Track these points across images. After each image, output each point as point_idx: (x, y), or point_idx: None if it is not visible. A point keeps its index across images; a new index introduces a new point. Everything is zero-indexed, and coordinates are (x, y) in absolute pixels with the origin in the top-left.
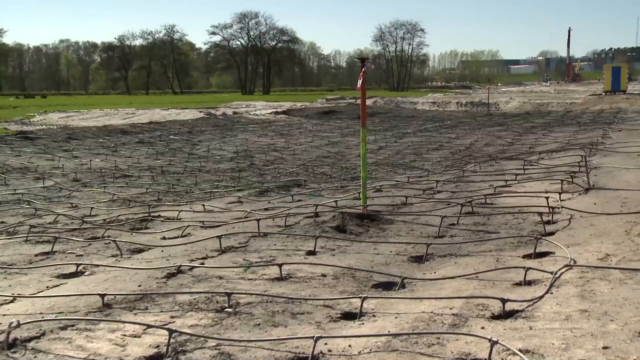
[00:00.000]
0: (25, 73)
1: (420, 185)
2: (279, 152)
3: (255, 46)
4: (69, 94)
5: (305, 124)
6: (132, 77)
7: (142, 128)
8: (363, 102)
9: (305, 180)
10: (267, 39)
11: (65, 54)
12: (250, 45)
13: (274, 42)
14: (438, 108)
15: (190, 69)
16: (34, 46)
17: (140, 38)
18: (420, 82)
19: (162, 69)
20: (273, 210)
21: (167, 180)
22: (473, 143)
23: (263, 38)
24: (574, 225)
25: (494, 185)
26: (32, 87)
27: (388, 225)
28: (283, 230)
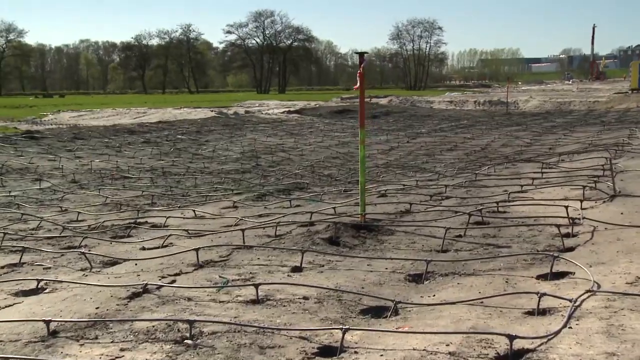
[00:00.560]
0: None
1: (428, 190)
2: (286, 152)
3: (271, 45)
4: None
5: (317, 123)
6: (149, 77)
7: (150, 127)
8: (362, 101)
9: (307, 183)
10: (282, 37)
11: (84, 53)
12: (265, 44)
13: (289, 41)
14: (455, 107)
15: (206, 68)
16: (55, 46)
17: (157, 37)
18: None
19: (179, 68)
20: (268, 216)
21: (167, 182)
22: (489, 143)
23: (279, 37)
24: (598, 240)
25: (509, 190)
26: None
27: (387, 236)
28: (272, 241)
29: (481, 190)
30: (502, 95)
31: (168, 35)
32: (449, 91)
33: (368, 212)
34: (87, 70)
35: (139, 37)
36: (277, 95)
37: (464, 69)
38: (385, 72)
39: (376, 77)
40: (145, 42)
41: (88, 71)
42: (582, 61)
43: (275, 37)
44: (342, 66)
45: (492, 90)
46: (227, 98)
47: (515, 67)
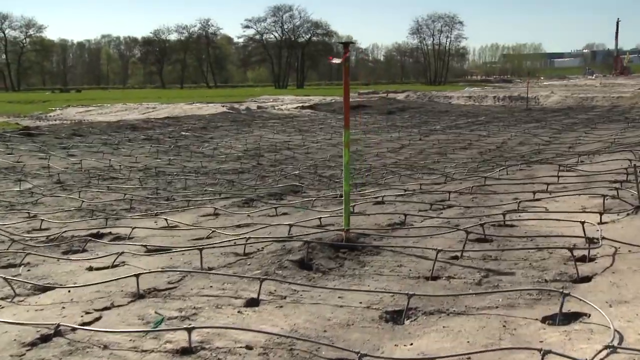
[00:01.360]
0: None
1: (431, 196)
2: (292, 150)
3: (289, 40)
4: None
5: (329, 119)
6: (167, 72)
7: (155, 124)
8: (346, 97)
9: (302, 186)
10: (301, 32)
11: (105, 48)
12: (284, 38)
13: (308, 36)
14: (474, 103)
15: (225, 63)
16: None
17: (175, 32)
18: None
19: (197, 63)
20: (248, 227)
21: (158, 183)
22: (505, 141)
23: (297, 31)
24: (620, 267)
25: (519, 198)
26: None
27: (371, 257)
28: (237, 261)
29: (489, 198)
30: (523, 90)
31: (187, 30)
32: (469, 86)
33: (356, 224)
34: (108, 65)
35: (157, 32)
36: (294, 90)
37: (486, 64)
38: (406, 67)
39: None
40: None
41: (109, 66)
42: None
43: (293, 32)
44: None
45: (513, 86)
46: (244, 93)
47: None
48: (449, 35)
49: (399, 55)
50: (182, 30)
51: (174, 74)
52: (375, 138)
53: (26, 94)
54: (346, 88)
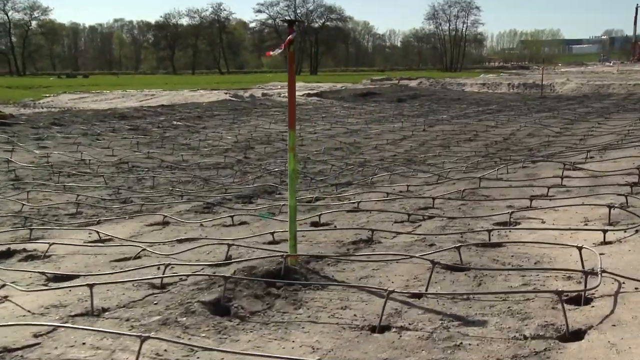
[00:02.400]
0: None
1: (415, 202)
2: (285, 142)
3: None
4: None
5: (335, 107)
6: (179, 57)
7: (147, 112)
8: (291, 88)
9: (277, 186)
10: (314, 17)
11: (117, 33)
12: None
13: (321, 21)
14: (487, 90)
15: (238, 49)
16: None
17: (186, 16)
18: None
19: (209, 49)
20: (192, 242)
21: (126, 181)
22: (514, 133)
23: (310, 16)
24: (623, 315)
25: (514, 206)
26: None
27: (312, 292)
28: (150, 296)
29: (479, 205)
30: (539, 77)
31: (198, 14)
32: (484, 73)
33: (315, 241)
34: (120, 50)
35: (168, 16)
36: (307, 76)
37: (504, 51)
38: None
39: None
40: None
41: (120, 51)
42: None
43: (307, 17)
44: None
45: (529, 72)
46: (254, 79)
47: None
48: (465, 21)
49: (416, 41)
50: (193, 15)
51: (186, 60)
52: (377, 128)
53: (29, 79)
54: (291, 79)
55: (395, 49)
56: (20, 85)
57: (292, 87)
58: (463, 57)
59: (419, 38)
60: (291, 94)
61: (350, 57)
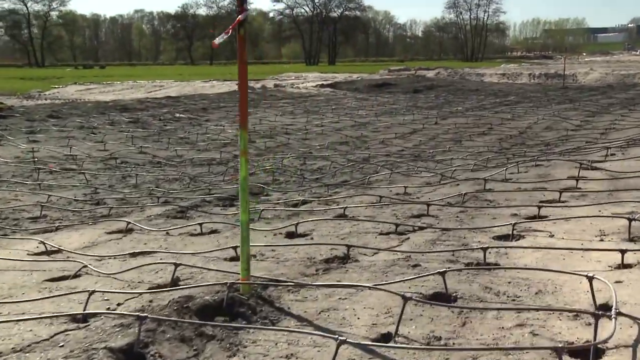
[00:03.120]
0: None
1: (409, 208)
2: (289, 135)
3: (320, 14)
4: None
5: (347, 98)
6: (197, 48)
7: (150, 104)
8: (242, 79)
9: (264, 187)
10: (332, 6)
11: (137, 23)
12: (315, 13)
13: (340, 10)
14: (507, 80)
15: (257, 39)
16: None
17: (204, 6)
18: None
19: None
20: (148, 256)
21: (109, 179)
22: (530, 126)
23: (329, 6)
24: None
25: (520, 215)
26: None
27: (254, 334)
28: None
29: (480, 213)
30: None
31: (216, 5)
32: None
33: (282, 258)
34: (140, 41)
35: (186, 6)
36: (324, 67)
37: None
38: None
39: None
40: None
41: (140, 42)
42: None
43: (325, 6)
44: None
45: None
46: (270, 70)
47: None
48: (486, 10)
49: (437, 31)
50: (211, 5)
51: (204, 50)
52: (387, 121)
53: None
54: (242, 68)
55: (417, 39)
56: (35, 76)
57: (243, 78)
58: (484, 46)
59: (440, 28)
60: (242, 86)
61: (370, 47)
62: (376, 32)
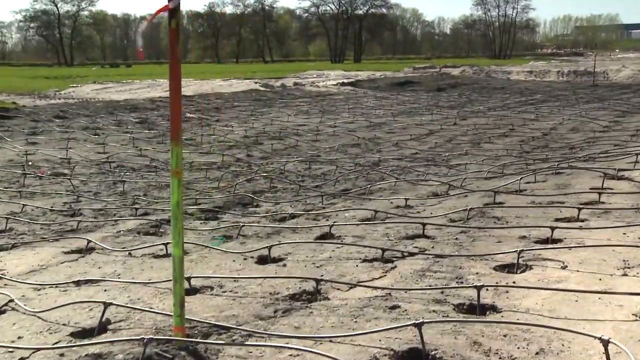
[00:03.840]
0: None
1: (403, 225)
2: (300, 136)
3: (346, 12)
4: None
5: (366, 97)
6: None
7: (162, 104)
8: (175, 83)
9: (254, 198)
10: (358, 4)
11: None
12: (340, 11)
13: (365, 8)
14: (535, 78)
15: (284, 37)
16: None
17: (230, 5)
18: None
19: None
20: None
21: (98, 185)
22: (555, 127)
23: (354, 3)
24: None
25: (529, 238)
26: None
27: None
28: None
29: (483, 235)
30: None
31: (242, 3)
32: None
33: (240, 293)
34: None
35: (212, 5)
36: (349, 64)
37: (557, 37)
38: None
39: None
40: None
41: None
42: None
43: (350, 4)
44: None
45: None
46: (294, 68)
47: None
48: (515, 6)
49: (466, 28)
50: (237, 3)
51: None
52: (404, 121)
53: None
54: (175, 69)
55: (445, 37)
56: (60, 75)
57: (176, 80)
58: (513, 44)
59: (468, 25)
60: (175, 90)
61: (397, 45)
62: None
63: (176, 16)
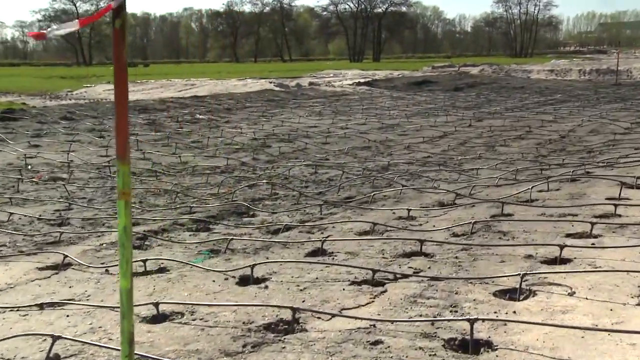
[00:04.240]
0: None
1: (402, 241)
2: (310, 138)
3: (365, 10)
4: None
5: (382, 97)
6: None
7: (172, 104)
8: (120, 91)
9: (248, 207)
10: (377, 1)
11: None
12: (359, 9)
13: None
14: (556, 77)
15: (303, 36)
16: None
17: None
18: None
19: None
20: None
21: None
22: (574, 129)
23: (373, 1)
24: None
25: (536, 257)
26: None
27: None
28: None
29: (486, 253)
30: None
31: (260, 2)
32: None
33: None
34: (187, 39)
35: (230, 4)
36: (368, 63)
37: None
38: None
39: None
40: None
41: (188, 40)
42: None
43: (369, 2)
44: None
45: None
46: (312, 67)
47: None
48: (537, 3)
49: (487, 26)
50: (255, 2)
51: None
52: (418, 123)
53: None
54: (120, 76)
55: (466, 35)
56: (76, 75)
57: (121, 88)
58: (534, 41)
59: (489, 23)
60: (120, 99)
61: (418, 43)
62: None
63: (121, 16)
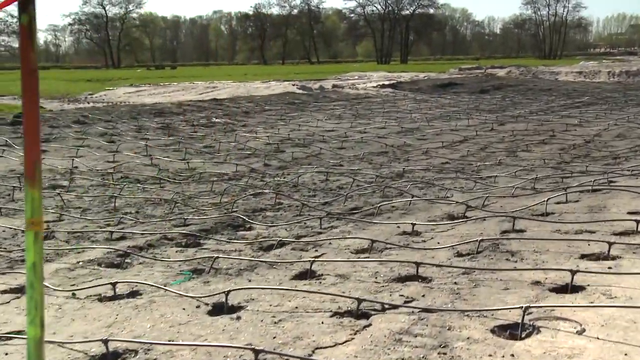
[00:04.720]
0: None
1: (397, 266)
2: (326, 143)
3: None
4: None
5: (405, 100)
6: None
7: (189, 108)
8: (29, 99)
9: (244, 219)
10: (405, 4)
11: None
12: (386, 11)
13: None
14: (584, 79)
15: (330, 38)
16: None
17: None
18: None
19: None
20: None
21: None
22: (600, 133)
23: (400, 3)
24: None
25: (545, 283)
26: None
27: None
28: None
29: (489, 278)
30: None
31: (288, 4)
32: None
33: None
34: (216, 42)
35: (258, 6)
36: (395, 65)
37: (611, 36)
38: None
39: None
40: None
41: (217, 42)
42: None
43: (397, 3)
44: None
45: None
46: (338, 69)
47: None
48: (566, 5)
49: (516, 28)
50: (283, 4)
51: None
52: (438, 127)
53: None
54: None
55: (495, 37)
56: (102, 77)
57: (31, 95)
58: (563, 43)
59: (518, 25)
60: (30, 109)
61: (446, 45)
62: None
63: (28, 10)
